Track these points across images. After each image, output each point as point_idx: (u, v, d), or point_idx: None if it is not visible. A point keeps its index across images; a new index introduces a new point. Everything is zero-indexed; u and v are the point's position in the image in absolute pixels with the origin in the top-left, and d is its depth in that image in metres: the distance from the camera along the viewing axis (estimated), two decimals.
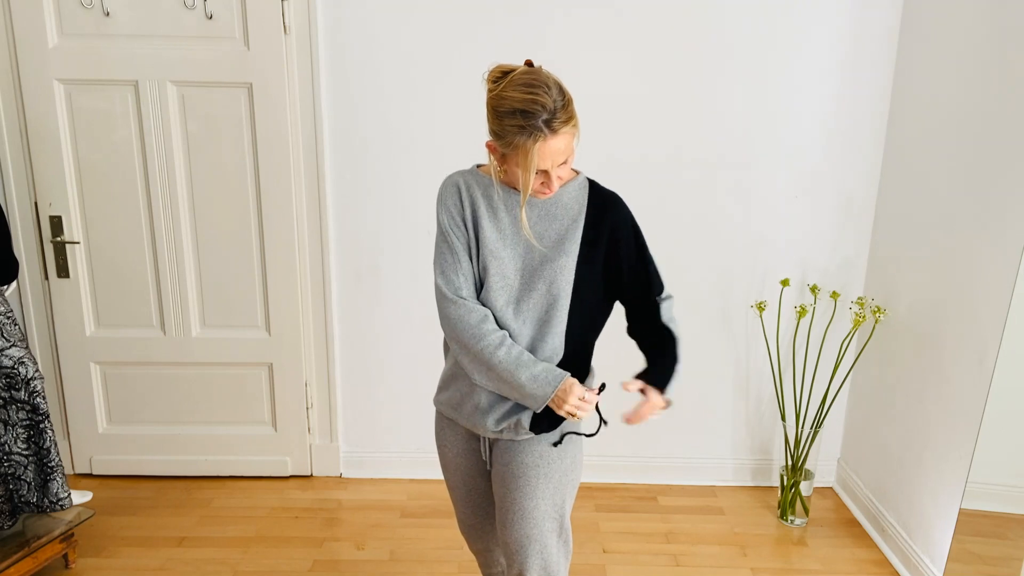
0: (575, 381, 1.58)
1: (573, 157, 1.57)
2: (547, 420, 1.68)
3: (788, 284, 2.83)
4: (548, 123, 1.45)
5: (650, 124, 2.80)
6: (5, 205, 2.83)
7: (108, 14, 2.66)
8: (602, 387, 1.64)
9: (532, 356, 1.60)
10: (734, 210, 2.88)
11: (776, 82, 2.75)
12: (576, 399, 1.57)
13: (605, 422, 1.63)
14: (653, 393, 1.63)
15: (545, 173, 1.52)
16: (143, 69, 2.71)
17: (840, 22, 2.70)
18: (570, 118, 1.50)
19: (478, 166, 1.70)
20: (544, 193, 1.57)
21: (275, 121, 2.76)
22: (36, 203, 2.84)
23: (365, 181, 2.87)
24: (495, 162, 1.59)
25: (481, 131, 2.78)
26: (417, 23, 2.72)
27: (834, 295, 2.83)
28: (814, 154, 2.82)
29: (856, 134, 2.80)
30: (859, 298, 2.72)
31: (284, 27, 2.69)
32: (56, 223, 2.85)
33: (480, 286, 1.63)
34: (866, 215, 2.88)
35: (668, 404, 1.68)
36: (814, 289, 2.85)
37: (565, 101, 1.49)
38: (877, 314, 2.67)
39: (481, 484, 1.84)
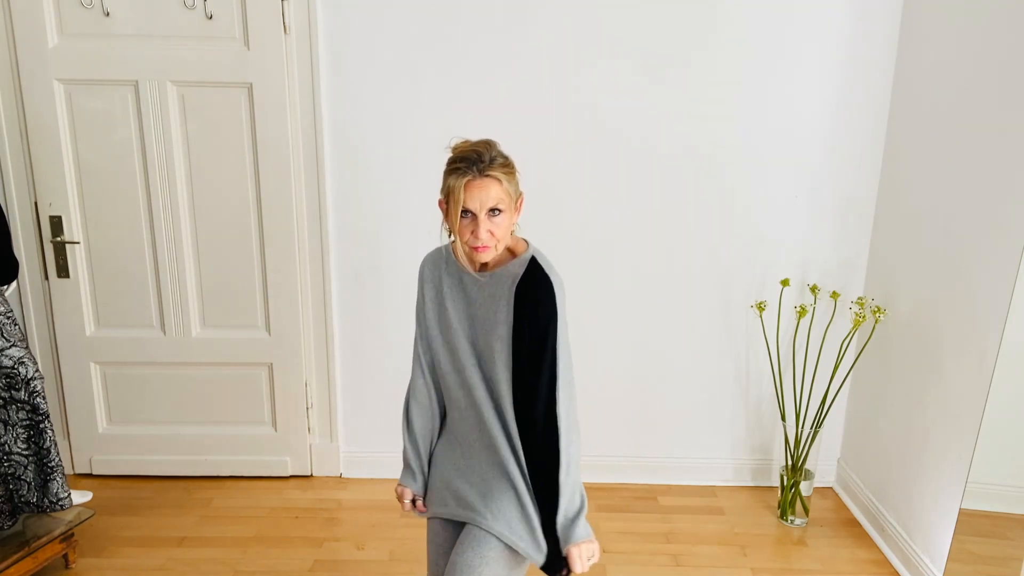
0: (404, 489, 1.81)
1: (511, 217, 1.59)
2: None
3: (788, 284, 2.83)
4: (477, 165, 1.53)
5: (650, 125, 2.80)
6: (5, 205, 2.83)
7: (108, 14, 2.66)
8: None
9: (415, 452, 1.79)
10: (734, 210, 2.88)
11: (776, 82, 2.75)
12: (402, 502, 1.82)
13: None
14: (572, 549, 1.60)
15: (474, 219, 1.55)
16: (143, 69, 2.71)
17: (841, 22, 2.70)
18: (505, 169, 1.56)
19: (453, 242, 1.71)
20: (475, 248, 1.57)
21: (275, 121, 2.76)
22: (36, 203, 2.84)
23: (365, 181, 2.87)
24: (447, 229, 1.63)
25: (481, 132, 2.79)
26: (418, 23, 2.72)
27: (834, 295, 2.83)
28: (814, 154, 2.82)
29: (856, 134, 2.80)
30: (859, 298, 2.72)
31: (284, 27, 2.69)
32: (56, 223, 2.85)
33: (441, 358, 1.71)
34: (866, 215, 2.88)
35: (589, 543, 1.61)
36: (814, 289, 2.85)
37: (504, 161, 1.57)
38: (877, 314, 2.67)
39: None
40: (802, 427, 2.86)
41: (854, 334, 2.81)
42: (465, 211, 1.55)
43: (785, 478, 2.87)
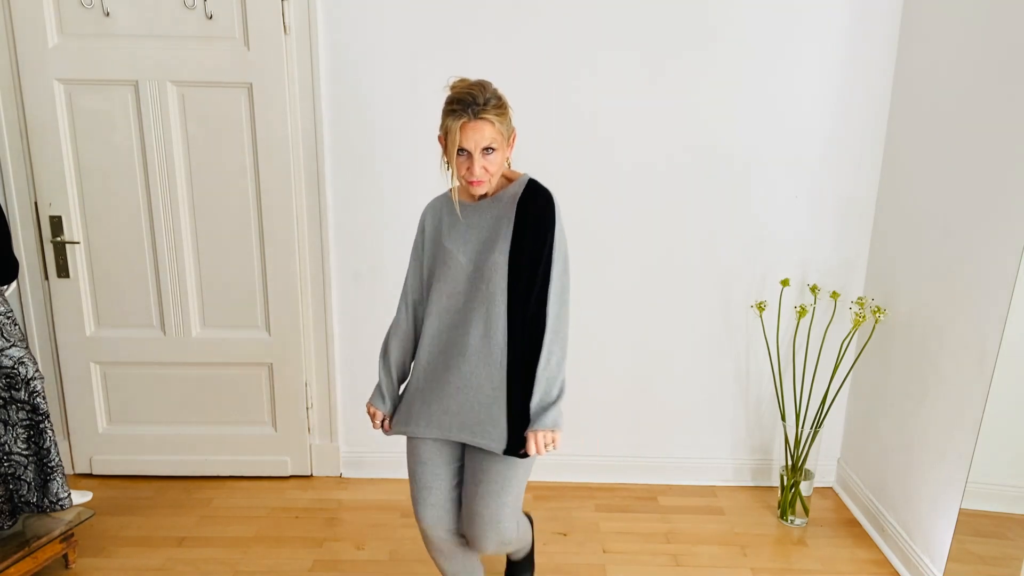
0: (376, 410, 1.98)
1: (503, 153, 1.77)
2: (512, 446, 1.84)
3: (788, 284, 2.83)
4: (472, 108, 1.69)
5: (650, 125, 2.80)
6: (5, 205, 2.83)
7: (108, 14, 2.66)
8: None
9: (388, 377, 1.96)
10: (734, 210, 2.88)
11: (776, 82, 2.75)
12: (371, 416, 2.00)
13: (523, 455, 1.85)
14: (531, 435, 1.80)
15: (469, 156, 1.72)
16: (143, 69, 2.71)
17: (841, 22, 2.70)
18: (498, 111, 1.72)
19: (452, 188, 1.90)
20: (471, 182, 1.75)
21: (275, 121, 2.76)
22: (36, 203, 2.84)
23: (365, 181, 2.87)
24: (442, 159, 1.79)
25: None
26: (417, 22, 2.72)
27: (834, 295, 2.83)
28: (814, 154, 2.82)
29: (856, 134, 2.80)
30: (859, 298, 2.72)
31: (284, 27, 2.69)
32: (56, 223, 2.85)
33: (434, 288, 1.87)
34: (866, 215, 2.88)
35: (551, 432, 1.80)
36: (814, 289, 2.85)
37: (498, 103, 1.72)
38: (877, 314, 2.67)
39: (445, 479, 1.96)
40: (802, 427, 2.86)
41: (854, 334, 2.81)
42: (461, 150, 1.72)
43: (785, 478, 2.87)
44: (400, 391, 2.00)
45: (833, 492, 3.14)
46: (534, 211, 1.78)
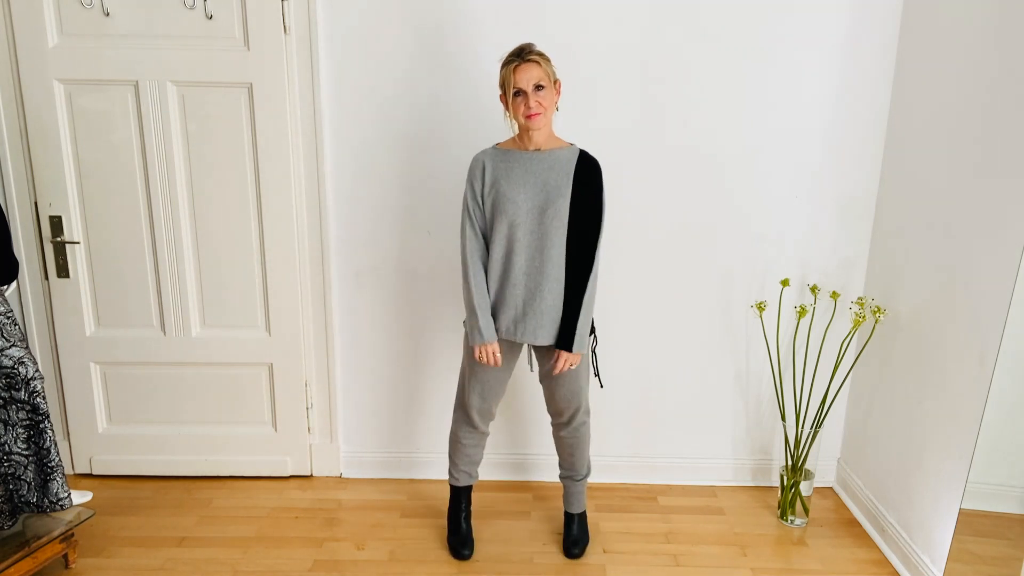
0: (492, 345, 2.32)
1: (552, 93, 2.18)
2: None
3: (788, 284, 2.83)
4: (521, 55, 2.13)
5: (649, 125, 2.80)
6: (5, 205, 2.83)
7: (108, 14, 2.66)
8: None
9: (488, 303, 2.31)
10: (734, 210, 2.88)
11: (777, 81, 2.76)
12: (483, 354, 2.33)
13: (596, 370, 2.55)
14: (563, 353, 2.32)
15: (524, 95, 2.13)
16: (143, 69, 2.71)
17: (840, 22, 2.70)
18: (541, 56, 2.15)
19: (497, 144, 2.34)
20: (528, 116, 2.14)
21: (275, 121, 2.76)
22: (36, 203, 2.84)
23: (365, 181, 2.87)
24: (505, 112, 2.24)
25: (478, 130, 2.77)
26: (417, 22, 2.72)
27: (834, 295, 2.83)
28: (814, 154, 2.82)
29: (856, 134, 2.80)
30: (859, 298, 2.72)
31: (284, 27, 2.69)
32: (56, 223, 2.85)
33: (496, 223, 2.26)
34: (866, 215, 2.88)
35: (579, 356, 2.35)
36: (814, 289, 2.85)
37: (541, 52, 2.16)
38: (877, 314, 2.67)
39: (505, 377, 2.47)
40: (802, 427, 2.86)
41: (854, 334, 2.81)
42: (517, 91, 2.13)
43: (785, 478, 2.87)
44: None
45: (833, 492, 3.14)
46: (590, 173, 2.25)
